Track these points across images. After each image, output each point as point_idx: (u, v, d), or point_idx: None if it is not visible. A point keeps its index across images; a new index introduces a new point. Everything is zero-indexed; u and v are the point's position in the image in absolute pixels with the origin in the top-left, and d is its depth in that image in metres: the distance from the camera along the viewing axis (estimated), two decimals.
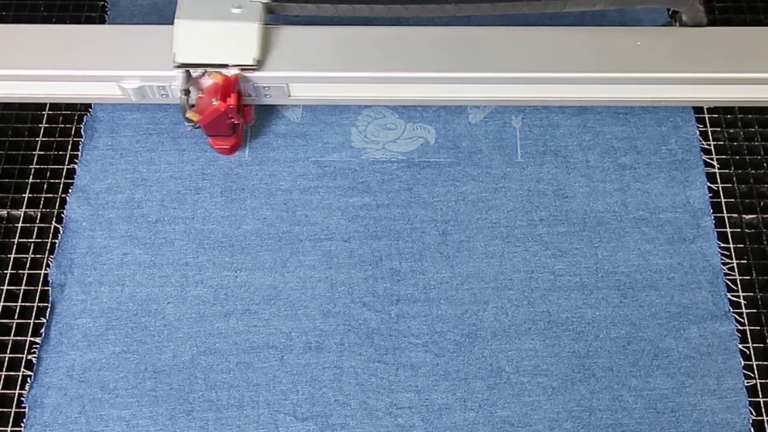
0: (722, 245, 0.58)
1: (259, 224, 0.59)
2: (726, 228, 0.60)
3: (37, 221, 0.60)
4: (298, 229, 0.59)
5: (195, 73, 0.54)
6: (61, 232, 0.58)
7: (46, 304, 0.56)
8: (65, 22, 0.67)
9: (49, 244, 0.58)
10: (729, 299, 0.56)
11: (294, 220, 0.59)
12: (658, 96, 0.59)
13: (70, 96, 0.59)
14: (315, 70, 0.56)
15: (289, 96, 0.58)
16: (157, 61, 0.55)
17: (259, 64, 0.55)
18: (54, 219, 0.59)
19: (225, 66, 0.54)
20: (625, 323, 0.55)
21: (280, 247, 0.58)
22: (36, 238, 0.59)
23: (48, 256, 0.58)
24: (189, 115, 0.53)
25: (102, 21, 0.67)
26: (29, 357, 0.54)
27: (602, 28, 0.60)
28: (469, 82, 0.57)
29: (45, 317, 0.55)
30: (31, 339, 0.55)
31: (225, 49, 0.54)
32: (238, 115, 0.55)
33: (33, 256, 0.58)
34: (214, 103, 0.53)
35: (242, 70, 0.54)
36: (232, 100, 0.53)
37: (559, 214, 0.59)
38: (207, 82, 0.55)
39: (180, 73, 0.54)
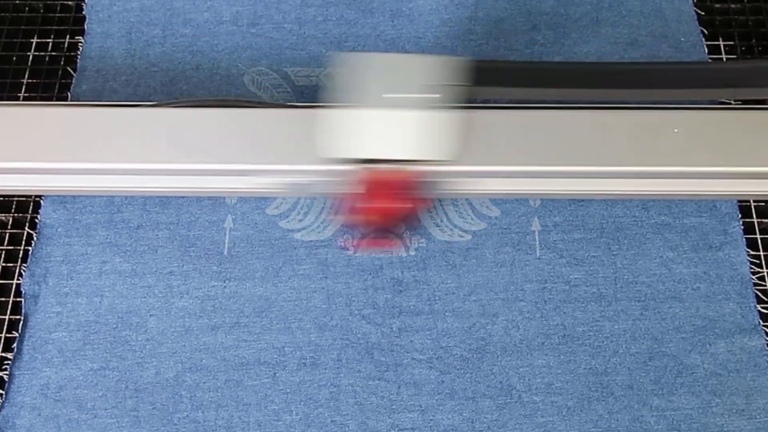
0: (752, 253, 0.55)
1: (249, 230, 0.56)
2: (756, 234, 0.56)
3: (9, 227, 0.56)
4: (291, 236, 0.55)
5: (376, 167, 0.46)
6: (35, 238, 0.55)
7: (18, 317, 0.52)
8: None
9: (21, 251, 0.55)
10: (759, 311, 0.53)
11: (288, 226, 0.56)
12: (695, 190, 0.53)
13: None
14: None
15: (478, 188, 0.52)
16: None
17: (452, 158, 0.47)
18: (27, 224, 0.56)
19: (410, 161, 0.46)
20: (647, 337, 0.52)
21: (272, 255, 0.55)
22: (8, 245, 0.55)
23: (21, 265, 0.54)
24: (354, 218, 0.46)
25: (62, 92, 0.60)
26: (0, 374, 0.51)
27: (633, 113, 0.51)
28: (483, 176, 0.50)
29: (17, 331, 0.52)
30: (2, 354, 0.52)
31: (412, 142, 0.46)
32: (416, 217, 0.49)
33: (5, 264, 0.55)
34: (394, 204, 0.45)
35: (429, 165, 0.47)
36: (410, 203, 0.46)
37: (574, 219, 0.56)
38: (386, 176, 0.47)
39: (357, 169, 0.46)
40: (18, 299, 0.53)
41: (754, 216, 0.57)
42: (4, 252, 0.56)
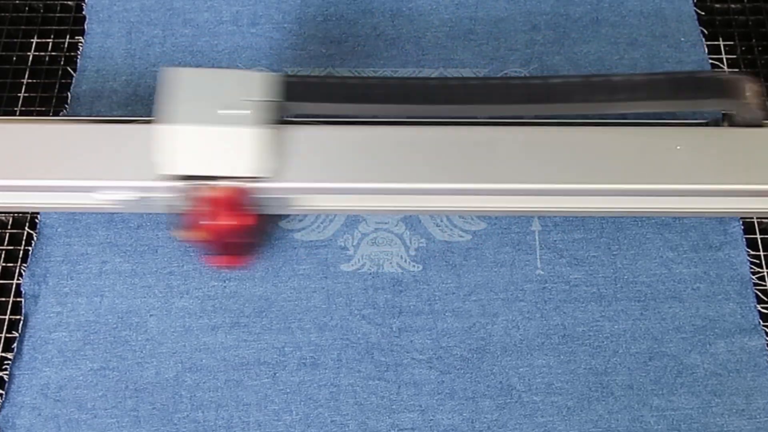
0: (752, 253, 0.55)
1: None
2: (756, 234, 0.56)
3: (9, 227, 0.56)
4: (291, 236, 0.55)
5: (195, 185, 0.46)
6: (35, 238, 0.55)
7: (18, 317, 0.52)
8: (14, 110, 0.59)
9: (21, 251, 0.55)
10: (759, 311, 0.53)
11: (288, 226, 0.55)
12: (700, 207, 0.52)
13: (28, 206, 0.52)
14: (331, 180, 0.48)
15: (300, 205, 0.51)
16: (140, 168, 0.46)
17: (270, 174, 0.46)
18: (27, 224, 0.56)
19: (234, 178, 0.46)
20: (647, 337, 0.52)
21: (272, 255, 0.54)
22: (8, 245, 0.55)
23: (21, 265, 0.54)
24: (187, 234, 0.46)
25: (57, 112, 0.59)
26: (0, 374, 0.51)
27: (635, 129, 0.50)
28: (489, 193, 0.50)
29: (17, 331, 0.52)
30: (2, 354, 0.51)
31: (230, 159, 0.46)
32: (250, 234, 0.48)
33: (5, 264, 0.54)
34: (224, 221, 0.45)
35: (250, 181, 0.46)
36: (239, 220, 0.45)
37: (574, 219, 0.55)
38: (204, 194, 0.47)
39: (182, 185, 0.46)
40: (18, 299, 0.53)
41: (754, 216, 0.57)
42: (4, 252, 0.55)
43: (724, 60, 0.63)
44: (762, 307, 0.53)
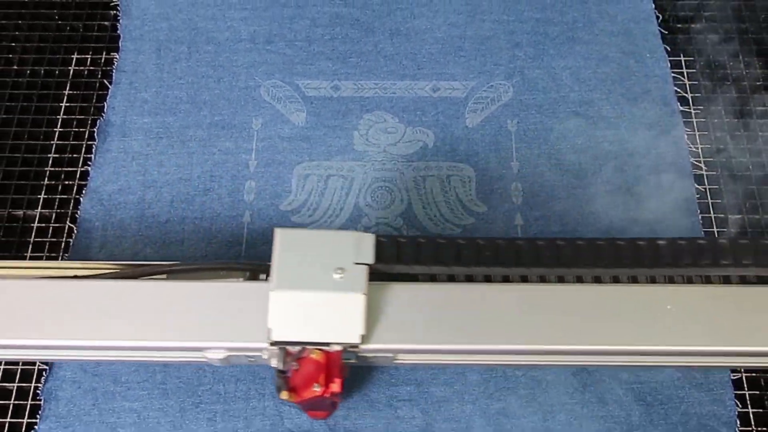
0: None
1: (265, 224, 0.58)
2: (713, 228, 0.58)
3: (52, 221, 0.59)
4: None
5: (293, 348, 0.43)
6: (75, 231, 0.57)
7: None
8: (57, 119, 0.59)
9: (63, 243, 0.57)
10: None
11: (299, 221, 0.58)
12: (688, 363, 0.48)
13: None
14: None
15: (395, 360, 0.47)
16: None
17: (364, 340, 0.43)
18: (68, 219, 0.58)
19: (327, 344, 0.43)
20: None
21: None
22: (51, 237, 0.58)
23: (62, 255, 0.57)
24: (284, 396, 0.43)
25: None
26: None
27: (624, 288, 0.46)
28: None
29: None
30: None
31: (327, 325, 0.42)
32: (340, 395, 0.44)
33: (48, 254, 0.57)
34: (317, 389, 0.43)
35: (347, 347, 0.43)
36: (336, 386, 0.43)
37: (552, 215, 0.58)
38: (305, 355, 0.44)
39: (276, 351, 0.43)
40: None
41: (711, 211, 0.58)
42: (47, 243, 0.58)
43: (685, 74, 0.65)
44: None
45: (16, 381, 0.52)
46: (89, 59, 0.65)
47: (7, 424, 0.51)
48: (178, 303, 0.44)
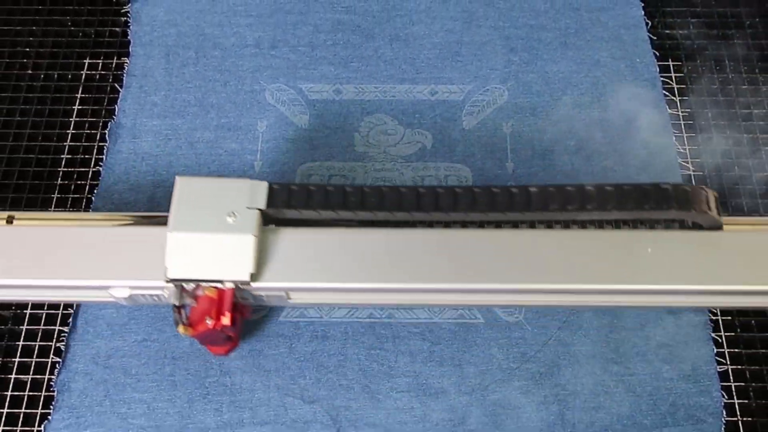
0: None
1: None
2: None
3: None
4: None
5: (188, 286, 0.46)
6: None
7: None
8: (70, 121, 0.62)
9: None
10: None
11: None
12: (669, 302, 0.50)
13: (54, 299, 0.52)
14: (315, 280, 0.46)
15: (289, 300, 0.49)
16: (149, 270, 0.45)
17: (254, 278, 0.45)
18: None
19: (220, 281, 0.45)
20: (607, 314, 0.56)
21: None
22: None
23: None
24: (181, 330, 0.45)
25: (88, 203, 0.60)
26: (58, 345, 0.55)
27: (608, 232, 0.48)
28: (469, 292, 0.47)
29: (72, 308, 0.56)
30: (60, 328, 0.56)
31: (219, 263, 0.45)
32: (232, 329, 0.47)
33: None
34: (208, 322, 0.45)
35: (238, 284, 0.45)
36: (226, 320, 0.45)
37: None
38: (200, 292, 0.46)
39: (172, 287, 0.45)
40: None
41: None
42: None
43: (673, 78, 0.67)
44: None
45: (31, 373, 0.54)
46: (101, 64, 0.67)
47: (21, 415, 0.53)
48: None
